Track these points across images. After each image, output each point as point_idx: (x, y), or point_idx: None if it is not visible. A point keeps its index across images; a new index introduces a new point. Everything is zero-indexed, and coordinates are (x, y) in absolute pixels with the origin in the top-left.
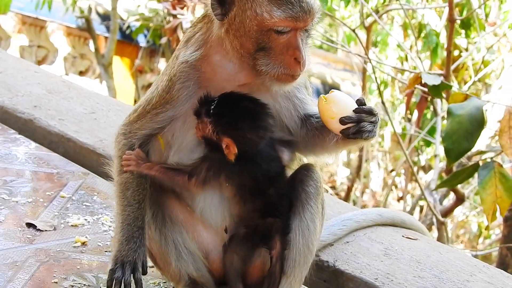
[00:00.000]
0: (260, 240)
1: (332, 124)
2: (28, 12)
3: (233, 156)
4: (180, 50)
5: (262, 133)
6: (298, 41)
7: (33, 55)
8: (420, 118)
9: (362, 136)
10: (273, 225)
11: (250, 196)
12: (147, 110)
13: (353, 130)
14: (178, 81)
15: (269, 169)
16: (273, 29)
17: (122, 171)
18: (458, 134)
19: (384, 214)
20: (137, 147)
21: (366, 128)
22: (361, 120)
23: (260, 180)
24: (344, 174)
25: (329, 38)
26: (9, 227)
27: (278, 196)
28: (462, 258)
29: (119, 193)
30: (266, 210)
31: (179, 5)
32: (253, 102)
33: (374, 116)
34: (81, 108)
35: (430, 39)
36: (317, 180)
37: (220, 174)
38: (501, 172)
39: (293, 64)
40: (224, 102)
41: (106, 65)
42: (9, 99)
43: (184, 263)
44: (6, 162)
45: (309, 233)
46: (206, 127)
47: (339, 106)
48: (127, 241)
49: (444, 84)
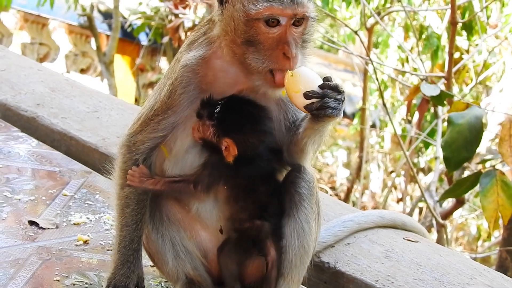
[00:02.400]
0: (253, 245)
1: (296, 99)
2: (30, 10)
3: (232, 157)
4: (182, 53)
5: (263, 137)
6: (288, 36)
7: (35, 52)
8: (420, 120)
9: (326, 112)
10: (262, 228)
11: (241, 194)
12: (150, 118)
13: (317, 105)
14: (179, 85)
15: (263, 167)
16: (260, 19)
17: (124, 185)
18: (458, 143)
19: (385, 216)
20: (141, 162)
21: (330, 104)
22: (325, 95)
23: (253, 178)
24: (344, 175)
25: (330, 39)
26: (11, 225)
27: (267, 195)
28: (462, 261)
29: (119, 209)
30: (254, 210)
31: (182, 4)
32: (255, 107)
33: (339, 93)
34: (83, 106)
35: (432, 41)
36: (309, 181)
37: (220, 179)
38: (503, 180)
39: (281, 59)
40: (227, 105)
41: (108, 63)
42: (12, 97)
43: (182, 262)
44: (9, 159)
45: (304, 234)
46: (207, 130)
47: (305, 81)
48: (122, 265)
49: (445, 94)
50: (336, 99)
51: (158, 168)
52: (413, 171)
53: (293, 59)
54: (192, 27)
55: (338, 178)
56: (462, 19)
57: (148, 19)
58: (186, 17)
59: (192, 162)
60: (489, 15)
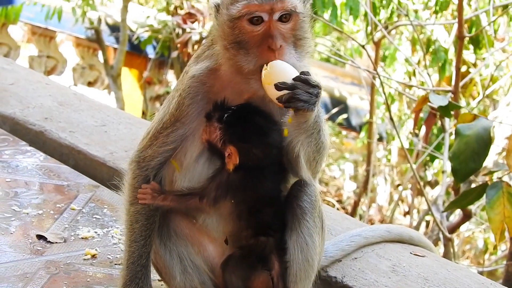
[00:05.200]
0: (257, 261)
1: (269, 90)
2: (38, 23)
3: (232, 166)
4: (190, 65)
5: (268, 150)
6: (272, 30)
7: (42, 65)
8: (428, 134)
9: (296, 104)
10: (267, 244)
11: (246, 213)
12: (159, 131)
13: (286, 97)
14: (187, 96)
15: (272, 188)
16: (241, 17)
17: (134, 201)
18: (466, 154)
19: (393, 231)
20: (152, 178)
21: (300, 96)
22: (295, 87)
23: (261, 198)
24: (351, 188)
25: (337, 52)
26: (19, 239)
27: (271, 215)
28: (469, 276)
29: (128, 225)
30: (259, 229)
31: (190, 19)
32: (266, 118)
33: (313, 87)
34: (92, 120)
35: (439, 55)
36: (311, 194)
37: (227, 192)
38: (510, 192)
39: (267, 53)
40: (238, 112)
41: (115, 76)
42: (20, 111)
43: (189, 276)
44: (17, 173)
45: (308, 247)
46: (214, 132)
47: (280, 74)
48: (130, 281)
49: (452, 105)
50: (308, 92)
51: (167, 181)
52: (420, 185)
53: (278, 51)
54: (199, 40)
55: (345, 192)
56: (470, 33)
57: (155, 32)
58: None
59: (201, 172)
60: (496, 29)
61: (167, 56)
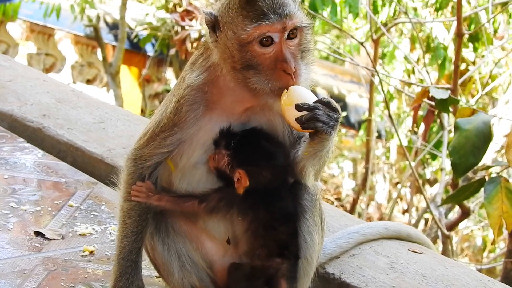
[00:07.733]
0: (264, 284)
1: (288, 112)
2: (36, 20)
3: (243, 189)
4: (186, 72)
5: (277, 172)
6: (284, 52)
7: (41, 63)
8: (426, 131)
9: (315, 124)
10: (280, 268)
11: (262, 231)
12: (156, 133)
13: (306, 117)
14: (185, 103)
15: (286, 205)
16: (252, 41)
17: (128, 197)
18: (465, 149)
19: (390, 228)
20: (147, 177)
21: (320, 117)
22: (316, 108)
23: (275, 215)
24: (350, 186)
25: (336, 50)
26: (17, 236)
27: (288, 234)
28: (467, 273)
29: (121, 220)
30: (274, 248)
31: (188, 16)
32: (272, 141)
33: (333, 111)
34: (90, 117)
35: (438, 53)
36: (312, 193)
37: (231, 207)
38: (508, 187)
39: (283, 77)
40: (245, 138)
41: (114, 74)
42: (18, 108)
43: (187, 273)
44: (15, 170)
45: (307, 245)
46: (222, 159)
47: (299, 96)
48: (120, 277)
49: (451, 99)
50: (328, 115)
51: (164, 181)
52: (419, 182)
53: (294, 74)
54: (198, 38)
55: (344, 189)
56: (469, 31)
57: (154, 30)
58: (193, 29)
59: (200, 177)
60: (495, 26)
61: (166, 54)
